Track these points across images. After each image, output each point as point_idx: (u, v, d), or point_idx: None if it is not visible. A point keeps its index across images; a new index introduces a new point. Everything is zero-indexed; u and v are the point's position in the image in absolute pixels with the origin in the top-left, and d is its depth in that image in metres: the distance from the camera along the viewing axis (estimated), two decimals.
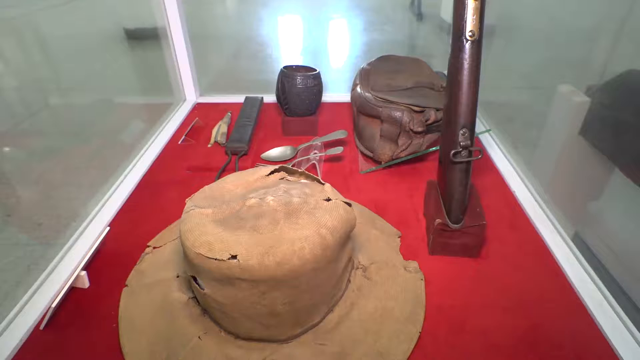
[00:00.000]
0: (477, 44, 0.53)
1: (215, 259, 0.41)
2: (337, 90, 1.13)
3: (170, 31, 1.01)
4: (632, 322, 0.50)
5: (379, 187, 0.74)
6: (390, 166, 0.79)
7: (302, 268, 0.42)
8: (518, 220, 0.67)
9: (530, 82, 1.18)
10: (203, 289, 0.45)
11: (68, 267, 0.57)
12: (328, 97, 1.07)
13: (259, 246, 0.42)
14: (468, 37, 0.52)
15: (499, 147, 0.87)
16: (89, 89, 1.93)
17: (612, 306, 0.52)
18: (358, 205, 0.70)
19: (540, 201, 0.71)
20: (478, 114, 0.87)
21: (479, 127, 0.94)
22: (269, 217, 0.46)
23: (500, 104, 1.17)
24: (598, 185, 0.88)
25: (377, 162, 0.79)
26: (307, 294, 0.45)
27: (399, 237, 0.63)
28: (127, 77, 2.17)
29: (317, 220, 0.45)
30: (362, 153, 0.83)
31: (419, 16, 3.32)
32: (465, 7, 0.52)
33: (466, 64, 0.53)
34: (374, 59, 0.95)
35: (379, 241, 0.62)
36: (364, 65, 0.92)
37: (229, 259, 0.41)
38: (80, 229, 0.65)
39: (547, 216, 0.67)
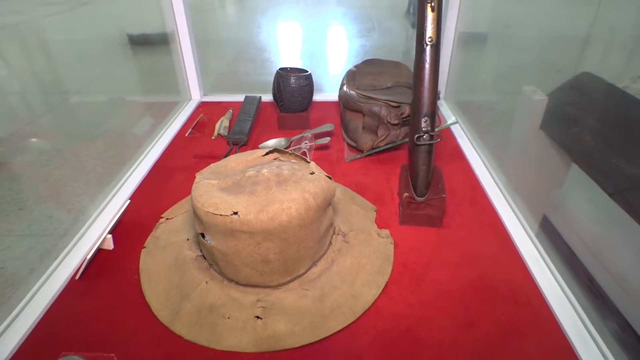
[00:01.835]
0: (435, 47, 0.64)
1: (220, 215, 0.52)
2: (333, 91, 1.24)
3: (179, 36, 1.13)
4: (559, 273, 0.61)
5: (360, 172, 0.86)
6: (371, 154, 0.90)
7: (290, 223, 0.53)
8: (478, 199, 0.78)
9: (506, 84, 1.30)
10: (210, 242, 0.56)
11: (97, 231, 0.68)
12: (319, 97, 1.19)
13: (255, 205, 0.53)
14: (428, 42, 0.64)
15: (467, 138, 0.98)
16: (103, 90, 2.07)
17: (546, 263, 0.63)
18: (342, 186, 0.81)
19: (499, 183, 0.82)
20: (459, 111, 0.98)
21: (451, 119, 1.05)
22: (264, 184, 0.57)
23: (473, 102, 1.29)
24: (559, 174, 1.00)
25: (360, 150, 0.90)
26: (294, 246, 0.56)
27: (375, 211, 0.74)
28: (137, 79, 2.31)
29: (302, 187, 0.56)
30: (347, 144, 0.94)
31: (414, 24, 3.46)
32: (425, 18, 0.63)
33: (426, 64, 0.64)
34: (360, 62, 1.07)
35: (358, 214, 0.73)
36: (351, 67, 1.04)
37: (231, 214, 0.52)
38: (104, 203, 0.76)
39: (503, 194, 0.79)
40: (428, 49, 0.64)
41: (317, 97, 1.18)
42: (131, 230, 0.70)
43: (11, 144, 1.80)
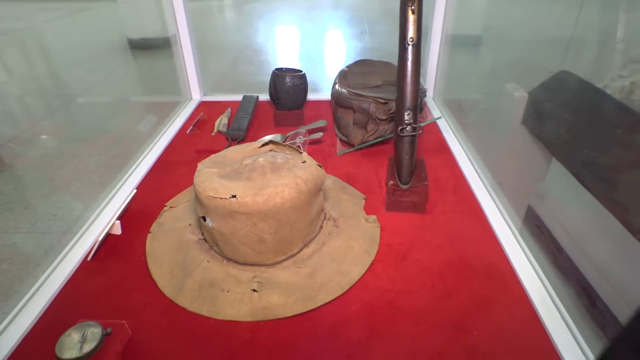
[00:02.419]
0: (417, 47, 0.70)
1: (220, 198, 0.58)
2: (328, 91, 1.30)
3: (180, 40, 1.19)
4: (529, 251, 0.67)
5: (351, 164, 0.91)
6: (361, 148, 0.96)
7: (283, 205, 0.59)
8: (460, 188, 0.84)
9: (491, 83, 1.36)
10: (210, 224, 0.61)
11: (106, 218, 0.74)
12: (315, 96, 1.25)
13: (251, 189, 0.59)
14: (409, 42, 0.69)
15: (453, 133, 1.04)
16: (107, 91, 2.15)
17: (517, 241, 0.69)
18: (334, 177, 0.86)
19: (481, 174, 0.88)
20: (447, 108, 1.04)
21: (437, 116, 1.11)
22: (259, 171, 0.63)
23: (460, 100, 1.35)
24: (540, 167, 1.05)
25: (351, 145, 0.96)
26: (287, 227, 0.61)
27: (363, 199, 0.80)
28: (140, 81, 2.39)
29: (294, 173, 0.62)
30: (339, 139, 1.00)
31: None
32: (407, 20, 0.69)
33: (409, 62, 0.70)
34: (351, 63, 1.13)
35: (348, 202, 0.79)
36: (343, 67, 1.10)
37: (230, 197, 0.58)
38: (112, 193, 0.81)
39: (484, 184, 0.84)
40: (410, 48, 0.70)
41: (313, 96, 1.24)
42: (137, 217, 0.76)
43: (17, 145, 1.87)
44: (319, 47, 3.21)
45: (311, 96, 1.22)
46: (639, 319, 0.28)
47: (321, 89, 1.35)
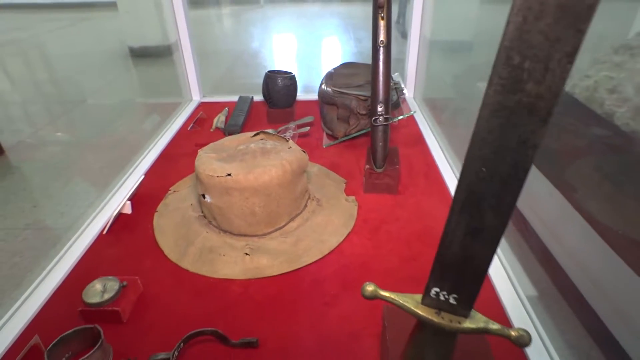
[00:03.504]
0: (387, 48, 0.81)
1: (217, 176, 0.69)
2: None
3: (181, 46, 1.30)
4: None
5: (335, 155, 1.02)
6: (344, 140, 1.06)
7: (270, 182, 0.69)
8: (431, 174, 0.94)
9: (465, 83, 1.48)
10: (209, 200, 0.72)
11: (118, 199, 0.84)
12: (304, 96, 1.36)
13: (244, 169, 0.69)
14: (380, 44, 0.80)
15: (429, 127, 1.15)
16: (113, 94, 2.28)
17: None
18: (319, 165, 0.97)
19: (450, 162, 0.98)
20: (425, 106, 1.15)
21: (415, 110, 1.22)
22: (251, 154, 0.73)
23: (437, 99, 1.46)
24: None
25: (335, 137, 1.06)
26: (275, 202, 0.72)
27: (344, 183, 0.90)
28: (143, 85, 2.51)
29: (281, 156, 0.73)
30: (325, 133, 1.11)
31: (403, 34, 3.66)
32: (378, 26, 0.80)
33: (380, 61, 0.81)
34: (338, 65, 1.24)
35: (330, 186, 0.89)
36: (330, 69, 1.21)
37: (225, 176, 0.68)
38: (123, 179, 0.92)
39: (452, 170, 0.95)
40: (381, 49, 0.81)
41: (304, 97, 1.35)
42: (145, 200, 0.86)
43: (24, 148, 1.99)
44: (309, 51, 3.35)
45: (303, 96, 1.33)
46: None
47: (309, 90, 1.46)
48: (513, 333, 0.32)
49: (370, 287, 0.36)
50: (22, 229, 1.56)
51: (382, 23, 0.80)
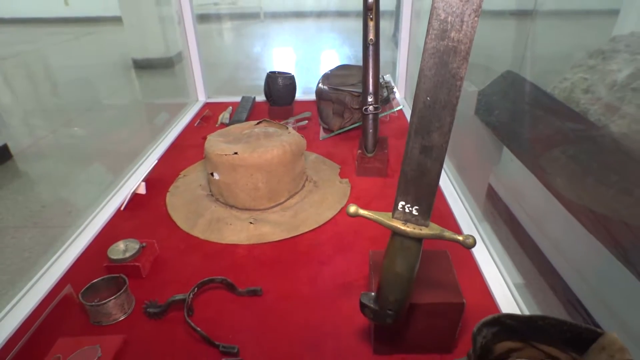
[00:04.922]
0: (375, 46, 0.91)
1: (225, 155, 0.77)
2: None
3: (190, 54, 1.41)
4: (470, 207, 0.86)
5: (331, 146, 1.11)
6: (339, 133, 1.16)
7: (272, 160, 0.78)
8: None
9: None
10: (217, 178, 0.81)
11: (135, 181, 0.93)
12: (303, 97, 1.46)
13: (249, 148, 0.78)
14: (369, 43, 0.90)
15: None
16: (125, 98, 2.41)
17: (461, 199, 0.88)
18: (316, 154, 1.06)
19: None
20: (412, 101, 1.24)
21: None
22: (255, 137, 0.82)
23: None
24: (494, 150, 1.25)
25: (331, 131, 1.16)
26: (276, 178, 0.81)
27: (339, 168, 0.99)
28: (151, 90, 2.65)
29: (281, 139, 0.82)
30: (322, 127, 1.20)
31: (397, 43, 3.82)
32: (367, 25, 0.90)
33: (370, 58, 0.91)
34: (334, 67, 1.34)
35: (326, 170, 0.98)
36: (327, 71, 1.31)
37: (232, 154, 0.77)
38: (138, 165, 1.01)
39: None
40: (370, 47, 0.91)
41: (303, 97, 1.44)
42: (158, 183, 0.95)
43: (33, 150, 2.09)
44: (307, 57, 3.54)
45: (302, 97, 1.43)
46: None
47: (308, 92, 1.56)
48: (461, 238, 0.41)
49: (352, 208, 0.46)
50: (30, 227, 1.64)
51: (371, 24, 0.90)
